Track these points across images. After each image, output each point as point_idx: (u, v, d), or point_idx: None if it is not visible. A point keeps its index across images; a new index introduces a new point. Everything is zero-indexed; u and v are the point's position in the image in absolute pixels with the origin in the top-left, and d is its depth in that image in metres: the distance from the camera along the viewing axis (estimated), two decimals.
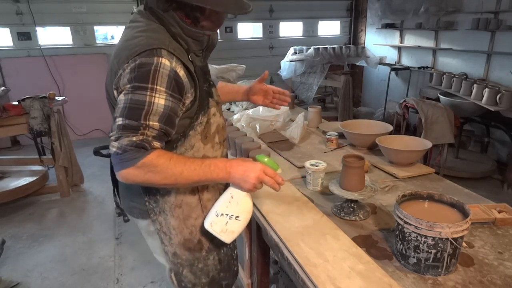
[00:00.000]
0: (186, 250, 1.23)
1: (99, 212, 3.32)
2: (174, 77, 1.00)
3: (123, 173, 0.99)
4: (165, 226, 1.20)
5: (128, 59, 1.00)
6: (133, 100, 0.97)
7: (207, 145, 1.19)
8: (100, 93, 6.03)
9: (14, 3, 4.86)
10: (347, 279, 1.02)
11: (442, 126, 3.24)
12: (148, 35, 1.04)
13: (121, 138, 0.96)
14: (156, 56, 0.98)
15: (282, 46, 6.19)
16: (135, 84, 0.97)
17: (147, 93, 0.97)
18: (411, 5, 5.11)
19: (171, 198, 1.18)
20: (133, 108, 0.97)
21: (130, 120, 0.97)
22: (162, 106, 0.98)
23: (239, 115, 2.49)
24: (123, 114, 0.97)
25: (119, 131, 0.97)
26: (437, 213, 1.13)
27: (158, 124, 0.99)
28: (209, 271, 1.29)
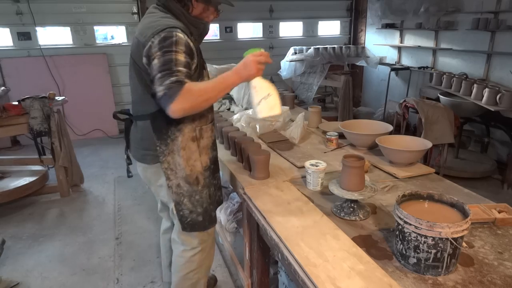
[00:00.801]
0: (187, 183, 1.58)
1: (99, 212, 3.32)
2: (187, 45, 1.37)
3: (172, 107, 1.27)
4: (172, 164, 1.55)
5: (153, 34, 1.35)
6: (164, 60, 1.31)
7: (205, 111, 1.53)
8: (100, 93, 6.06)
9: (14, 3, 4.86)
10: (347, 279, 1.02)
11: (442, 126, 3.24)
12: (165, 20, 1.42)
13: (163, 82, 1.28)
14: (175, 32, 1.35)
15: (282, 46, 6.19)
16: (164, 50, 1.32)
17: (172, 54, 1.32)
18: (411, 5, 5.11)
19: (178, 141, 1.53)
20: (166, 63, 1.30)
21: (166, 71, 1.29)
22: (183, 59, 1.33)
23: (239, 115, 2.49)
24: (160, 70, 1.30)
25: (160, 80, 1.29)
26: (437, 213, 1.13)
27: (183, 68, 1.32)
28: (203, 202, 1.65)
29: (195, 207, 1.63)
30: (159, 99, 1.29)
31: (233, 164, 1.95)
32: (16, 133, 3.71)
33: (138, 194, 3.60)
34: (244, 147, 1.84)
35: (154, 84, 1.30)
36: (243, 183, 1.70)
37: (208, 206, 1.67)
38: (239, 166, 1.92)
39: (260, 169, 1.73)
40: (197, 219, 1.65)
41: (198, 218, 1.65)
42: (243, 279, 2.07)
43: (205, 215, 1.66)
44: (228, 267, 2.50)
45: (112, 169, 4.31)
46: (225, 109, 3.14)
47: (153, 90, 1.30)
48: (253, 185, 1.67)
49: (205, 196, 1.64)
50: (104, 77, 5.44)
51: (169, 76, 1.27)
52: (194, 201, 1.62)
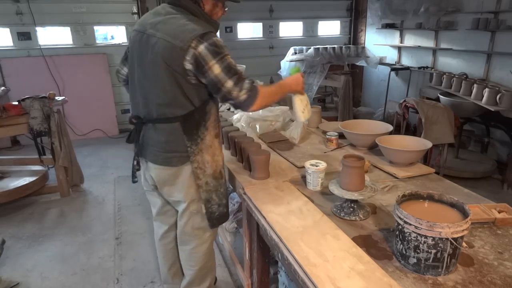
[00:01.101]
0: (214, 178, 1.65)
1: (99, 212, 3.32)
2: (223, 44, 1.47)
3: (256, 104, 1.49)
4: (201, 163, 1.60)
5: (192, 39, 1.40)
6: (225, 66, 1.43)
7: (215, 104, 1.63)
8: (100, 93, 6.05)
9: (14, 3, 4.86)
10: (347, 279, 1.02)
11: (442, 126, 3.24)
12: (196, 23, 1.46)
13: (242, 86, 1.45)
14: (213, 36, 1.45)
15: (282, 46, 6.19)
16: (220, 56, 1.42)
17: (226, 58, 1.44)
18: (411, 5, 5.11)
19: (206, 140, 1.59)
20: (229, 69, 1.43)
21: (234, 75, 1.44)
22: (232, 60, 1.47)
23: (239, 115, 2.49)
24: (229, 76, 1.43)
25: (237, 85, 1.44)
26: (437, 213, 1.13)
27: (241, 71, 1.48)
28: (225, 194, 1.74)
29: (221, 200, 1.71)
30: (242, 101, 1.46)
31: (233, 164, 1.95)
32: (16, 133, 3.71)
33: (138, 194, 3.60)
34: (244, 147, 1.84)
35: (227, 91, 1.44)
36: (243, 183, 1.70)
37: (227, 197, 1.78)
38: (239, 166, 1.92)
39: (260, 169, 1.73)
40: (223, 211, 1.74)
41: (224, 210, 1.74)
42: (243, 279, 2.07)
43: (227, 206, 1.77)
44: (228, 267, 2.50)
45: (112, 169, 4.31)
46: (225, 109, 3.14)
47: (228, 94, 1.44)
48: (253, 185, 1.67)
49: (225, 187, 1.74)
50: (104, 77, 5.44)
51: (242, 81, 1.45)
52: (220, 195, 1.70)
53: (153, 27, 1.50)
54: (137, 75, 1.58)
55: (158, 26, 1.49)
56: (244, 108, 1.50)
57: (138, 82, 1.58)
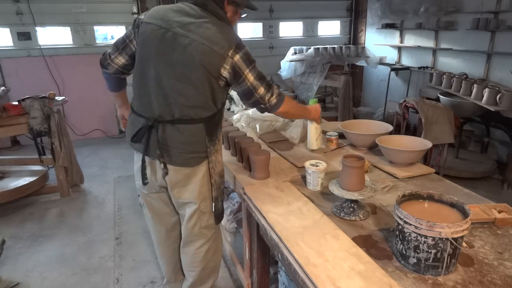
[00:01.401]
0: (220, 177, 1.73)
1: (99, 212, 3.32)
2: None
3: (282, 108, 1.65)
4: (214, 162, 1.66)
5: (230, 48, 1.47)
6: (257, 74, 1.55)
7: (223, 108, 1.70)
8: (100, 93, 6.04)
9: (14, 3, 4.86)
10: (347, 279, 1.02)
11: (442, 126, 3.24)
12: (229, 31, 1.55)
13: (272, 92, 1.60)
14: (244, 46, 1.54)
15: (282, 46, 6.19)
16: (252, 64, 1.54)
17: (256, 67, 1.56)
18: (411, 5, 5.11)
19: (219, 141, 1.68)
20: (260, 77, 1.56)
21: (265, 84, 1.57)
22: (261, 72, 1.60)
23: (239, 115, 2.49)
24: (261, 83, 1.56)
25: (268, 92, 1.58)
26: (437, 213, 1.13)
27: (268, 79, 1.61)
28: (223, 192, 1.81)
29: (221, 195, 1.79)
30: (273, 105, 1.60)
31: (233, 164, 1.95)
32: (16, 133, 3.71)
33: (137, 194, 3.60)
34: (244, 147, 1.84)
35: (260, 96, 1.56)
36: (243, 183, 1.70)
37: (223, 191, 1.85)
38: (239, 166, 1.92)
39: (260, 169, 1.73)
40: (223, 207, 1.83)
41: (223, 206, 1.84)
42: (243, 279, 2.07)
43: (223, 203, 1.83)
44: (228, 267, 2.50)
45: (112, 169, 4.31)
46: (225, 109, 3.14)
47: (261, 99, 1.57)
48: (253, 185, 1.67)
49: (223, 187, 1.81)
50: None
51: (272, 88, 1.60)
52: (220, 191, 1.77)
53: (183, 27, 1.46)
54: (154, 73, 1.51)
55: (191, 27, 1.45)
56: (272, 111, 1.65)
57: (156, 80, 1.51)
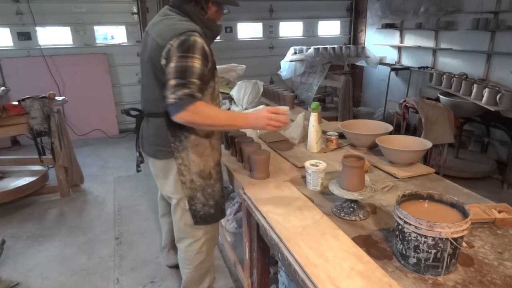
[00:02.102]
0: (200, 177, 1.69)
1: (99, 212, 3.32)
2: (203, 49, 1.46)
3: (179, 116, 1.41)
4: (186, 160, 1.64)
5: (172, 37, 1.43)
6: (181, 66, 1.41)
7: (213, 103, 1.66)
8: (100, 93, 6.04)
9: (14, 3, 4.86)
10: (347, 279, 1.02)
11: (442, 126, 3.24)
12: (184, 23, 1.51)
13: (176, 91, 1.39)
14: (193, 35, 1.44)
15: (282, 46, 6.19)
16: (182, 54, 1.42)
17: (189, 60, 1.41)
18: (411, 5, 5.11)
19: (191, 138, 1.63)
20: (182, 71, 1.41)
21: (180, 79, 1.40)
22: (198, 68, 1.43)
23: None
24: (175, 76, 1.41)
25: (174, 88, 1.40)
26: (437, 213, 1.13)
27: (197, 80, 1.43)
28: (215, 195, 1.75)
29: (207, 200, 1.74)
30: (168, 104, 1.41)
31: (233, 164, 1.95)
32: (16, 133, 3.71)
33: (138, 194, 3.60)
34: (244, 147, 1.84)
35: (167, 89, 1.41)
36: (243, 183, 1.70)
37: (219, 199, 1.79)
38: (239, 166, 1.92)
39: (260, 169, 1.73)
40: (209, 211, 1.76)
41: (210, 210, 1.76)
42: (243, 279, 2.07)
43: (216, 208, 1.78)
44: (228, 267, 2.50)
45: (112, 169, 4.31)
46: (225, 109, 3.14)
47: (165, 93, 1.42)
48: (253, 185, 1.67)
49: (217, 189, 1.76)
50: (104, 77, 5.44)
51: (183, 88, 1.39)
52: (207, 195, 1.72)
53: (151, 28, 1.60)
54: (140, 73, 1.72)
55: (154, 26, 1.58)
56: (171, 114, 1.44)
57: (141, 79, 1.74)
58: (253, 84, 3.00)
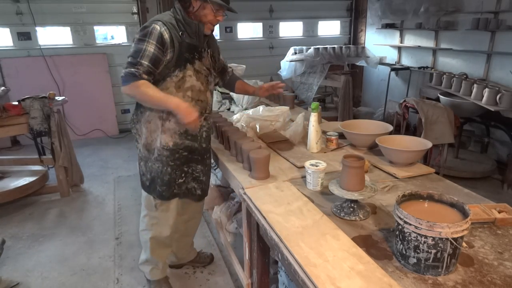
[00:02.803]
0: (146, 150, 1.88)
1: (99, 212, 3.32)
2: (160, 36, 1.65)
3: (123, 88, 1.67)
4: (139, 130, 1.88)
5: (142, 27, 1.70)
6: (136, 47, 1.65)
7: (179, 93, 1.78)
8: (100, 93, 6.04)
9: (14, 3, 4.86)
10: (347, 279, 1.02)
11: (442, 126, 3.24)
12: (161, 16, 1.75)
13: (125, 68, 1.65)
14: (154, 24, 1.66)
15: (282, 46, 6.19)
16: (139, 38, 1.66)
17: (144, 44, 1.64)
18: (411, 5, 5.11)
19: (144, 115, 1.84)
20: (135, 52, 1.65)
21: (133, 58, 1.65)
22: (151, 52, 1.65)
23: (239, 115, 2.49)
24: (130, 55, 1.66)
25: (126, 65, 1.66)
26: (437, 213, 1.13)
27: (147, 63, 1.65)
28: (152, 171, 1.90)
29: (147, 171, 1.92)
30: (121, 76, 1.66)
31: (233, 164, 1.95)
32: (16, 133, 3.71)
33: (138, 194, 3.60)
34: (244, 147, 1.84)
35: (126, 63, 1.66)
36: (243, 183, 1.70)
37: (156, 178, 1.91)
38: (239, 166, 1.92)
39: (260, 169, 1.73)
40: (146, 182, 1.96)
41: (147, 182, 1.95)
42: (243, 279, 2.07)
43: (151, 183, 1.93)
44: (228, 267, 2.50)
45: (112, 169, 4.31)
46: (225, 109, 3.14)
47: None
48: (253, 185, 1.67)
49: (156, 168, 1.89)
50: (104, 77, 5.44)
51: (131, 66, 1.63)
52: (147, 166, 1.91)
53: None
54: None
55: None
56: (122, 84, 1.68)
57: None
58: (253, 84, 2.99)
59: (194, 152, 1.93)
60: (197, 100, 1.84)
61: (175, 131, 1.83)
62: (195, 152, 1.93)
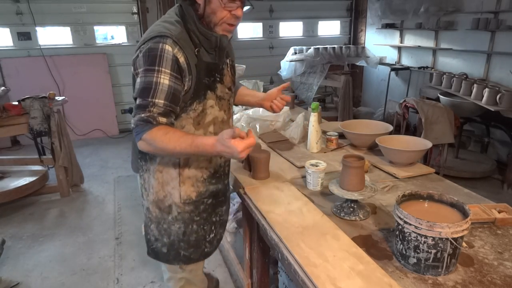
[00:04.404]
0: (157, 208, 1.44)
1: (99, 212, 3.32)
2: (175, 61, 1.20)
3: (139, 144, 1.23)
4: (147, 183, 1.43)
5: (143, 41, 1.21)
6: (146, 82, 1.19)
7: (198, 131, 1.36)
8: (100, 93, 6.05)
9: (14, 3, 4.86)
10: (347, 279, 1.02)
11: (442, 126, 3.24)
12: (165, 25, 1.24)
13: (136, 115, 1.20)
14: (162, 42, 1.18)
15: (282, 46, 6.19)
16: (147, 68, 1.18)
17: (154, 75, 1.18)
18: (411, 5, 5.11)
19: (155, 162, 1.39)
20: (144, 89, 1.19)
21: (142, 99, 1.19)
22: (166, 85, 1.19)
23: (239, 115, 2.49)
24: (138, 95, 1.21)
25: (135, 110, 1.21)
26: (437, 213, 1.13)
27: (163, 101, 1.19)
28: (171, 234, 1.45)
29: (161, 236, 1.45)
30: (132, 127, 1.23)
31: (233, 164, 1.95)
32: (16, 133, 3.71)
33: (138, 194, 3.57)
34: None
35: (134, 107, 1.22)
36: (243, 183, 1.70)
37: (177, 242, 1.46)
38: (239, 166, 1.92)
39: (260, 169, 1.72)
40: (162, 249, 1.47)
41: (163, 249, 1.47)
42: (243, 279, 2.07)
43: (170, 249, 1.47)
44: (228, 267, 2.50)
45: (112, 169, 4.31)
46: None
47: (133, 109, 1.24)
48: (253, 185, 1.67)
49: (175, 230, 1.44)
50: (104, 77, 5.44)
51: (142, 111, 1.18)
52: (162, 229, 1.44)
53: None
54: None
55: None
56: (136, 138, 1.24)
57: None
58: (253, 84, 3.00)
59: (219, 195, 1.53)
60: None
61: (197, 178, 1.42)
62: (219, 194, 1.54)
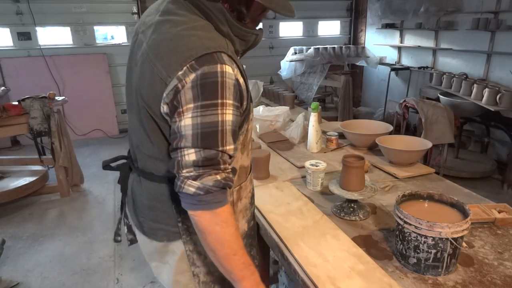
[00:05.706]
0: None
1: (99, 212, 3.32)
2: (238, 86, 0.87)
3: (198, 214, 0.86)
4: (200, 245, 1.01)
5: (182, 65, 0.81)
6: (205, 124, 0.82)
7: (243, 154, 1.08)
8: (100, 93, 6.05)
9: (14, 3, 4.86)
10: (347, 279, 1.02)
11: (442, 126, 3.24)
12: (201, 34, 0.86)
13: (203, 176, 0.83)
14: (219, 63, 0.82)
15: (282, 46, 6.19)
16: (203, 102, 0.81)
17: (218, 112, 0.82)
18: (411, 5, 5.11)
19: None
20: (208, 133, 0.82)
21: (207, 149, 0.83)
22: (231, 122, 0.85)
23: None
24: (197, 144, 0.82)
25: (199, 168, 0.83)
26: (437, 213, 1.13)
27: (232, 146, 0.87)
28: None
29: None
30: (184, 192, 0.84)
31: None
32: (16, 133, 3.71)
33: None
34: None
35: (183, 164, 0.84)
36: None
37: None
38: None
39: (260, 169, 1.72)
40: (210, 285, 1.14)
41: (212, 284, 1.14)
42: None
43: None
44: None
45: None
46: None
47: (177, 166, 0.85)
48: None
49: None
50: (104, 77, 5.44)
51: (212, 167, 0.84)
52: (227, 286, 1.07)
53: (144, 32, 0.95)
54: (127, 97, 1.05)
55: (148, 30, 0.94)
56: (183, 204, 0.88)
57: (127, 109, 1.08)
58: (253, 84, 3.00)
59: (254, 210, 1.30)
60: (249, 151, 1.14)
61: (246, 207, 1.19)
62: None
